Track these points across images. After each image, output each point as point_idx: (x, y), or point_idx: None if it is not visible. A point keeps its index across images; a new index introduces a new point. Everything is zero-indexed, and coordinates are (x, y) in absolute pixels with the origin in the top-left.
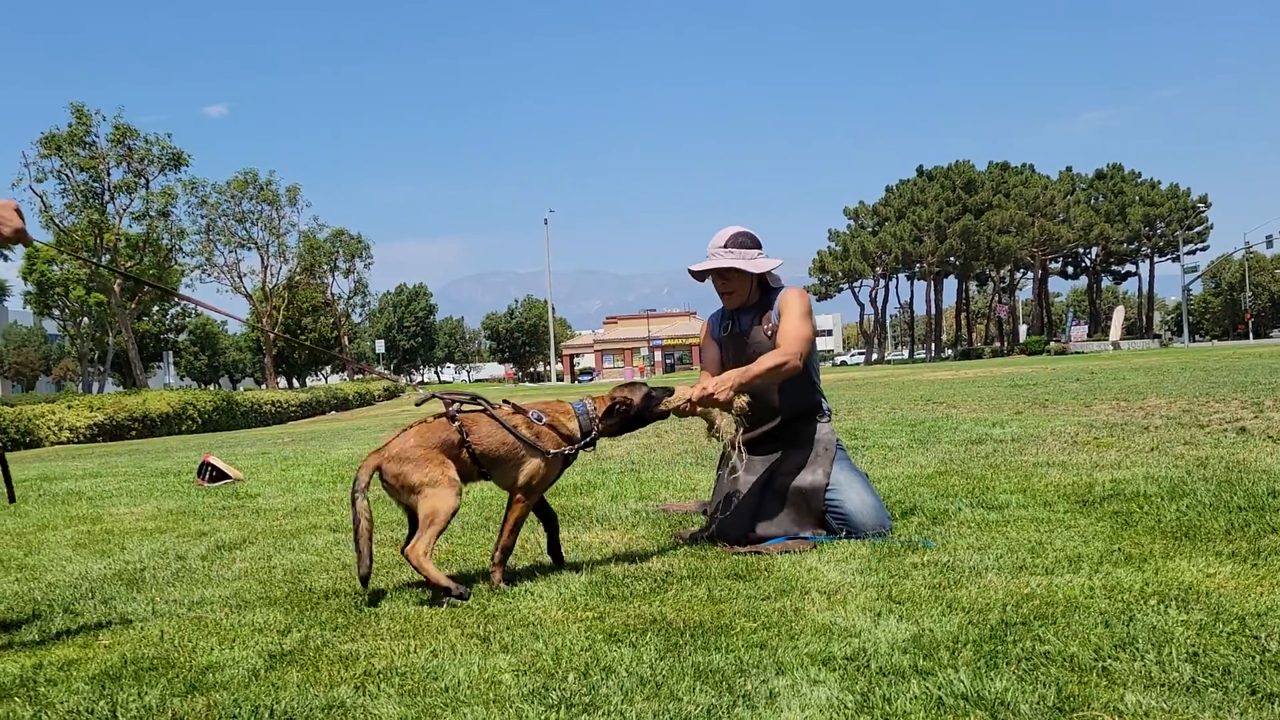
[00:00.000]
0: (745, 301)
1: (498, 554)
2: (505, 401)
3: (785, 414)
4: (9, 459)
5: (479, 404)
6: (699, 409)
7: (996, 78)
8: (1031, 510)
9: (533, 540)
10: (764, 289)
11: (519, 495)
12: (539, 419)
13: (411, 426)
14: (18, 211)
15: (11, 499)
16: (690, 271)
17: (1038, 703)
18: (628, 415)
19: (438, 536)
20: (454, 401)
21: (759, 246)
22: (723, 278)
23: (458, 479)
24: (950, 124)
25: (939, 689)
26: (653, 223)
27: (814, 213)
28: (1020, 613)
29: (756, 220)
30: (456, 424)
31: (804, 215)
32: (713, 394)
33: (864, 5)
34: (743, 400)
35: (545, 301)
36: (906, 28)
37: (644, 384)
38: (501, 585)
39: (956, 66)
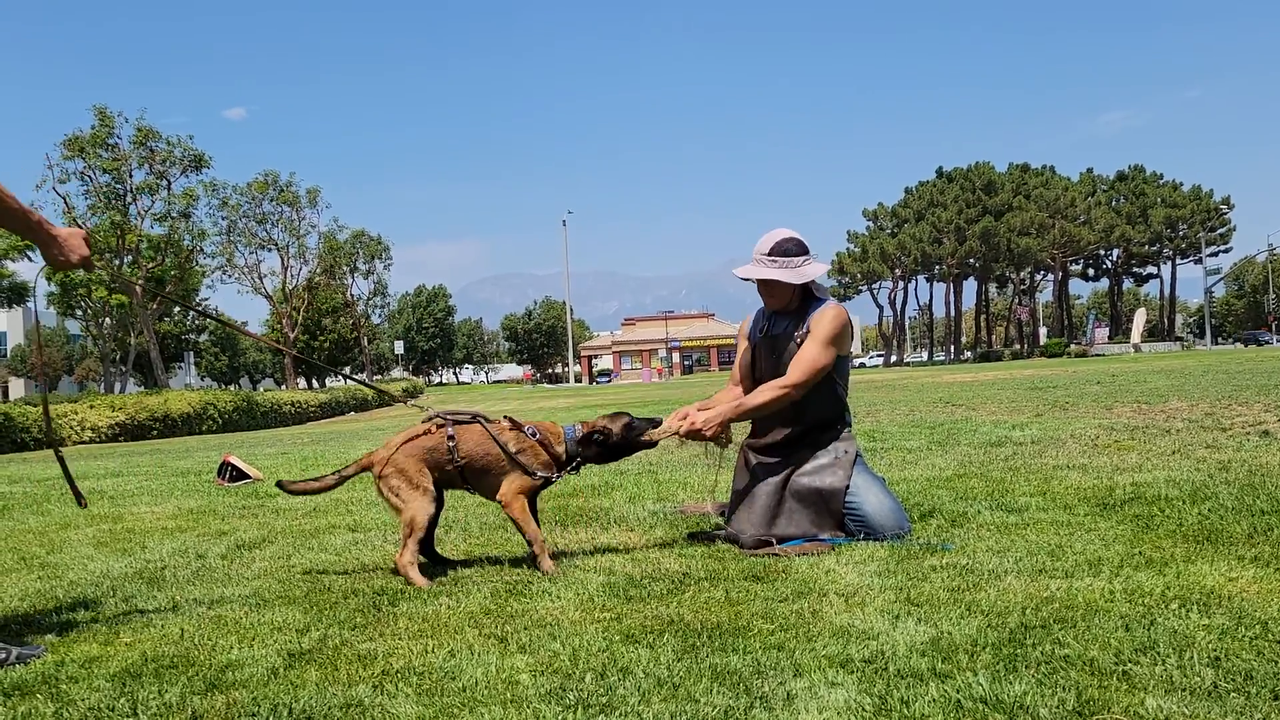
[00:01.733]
0: (785, 307)
1: (535, 546)
2: (506, 417)
3: (807, 421)
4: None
5: (476, 420)
6: (689, 441)
7: (1017, 78)
8: (1051, 513)
9: (551, 540)
10: (806, 297)
11: (504, 501)
12: (533, 434)
13: (400, 437)
14: (86, 241)
15: (80, 503)
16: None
17: (1057, 706)
18: (606, 444)
19: (419, 543)
20: (447, 416)
21: (805, 252)
22: (765, 283)
23: (433, 488)
24: (970, 125)
25: (957, 692)
26: (671, 225)
27: (832, 214)
28: (1040, 616)
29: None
30: (449, 434)
31: (822, 217)
32: (700, 430)
33: (881, 6)
34: (730, 434)
35: (563, 303)
36: (925, 28)
37: (627, 414)
38: (552, 570)
39: (976, 67)
